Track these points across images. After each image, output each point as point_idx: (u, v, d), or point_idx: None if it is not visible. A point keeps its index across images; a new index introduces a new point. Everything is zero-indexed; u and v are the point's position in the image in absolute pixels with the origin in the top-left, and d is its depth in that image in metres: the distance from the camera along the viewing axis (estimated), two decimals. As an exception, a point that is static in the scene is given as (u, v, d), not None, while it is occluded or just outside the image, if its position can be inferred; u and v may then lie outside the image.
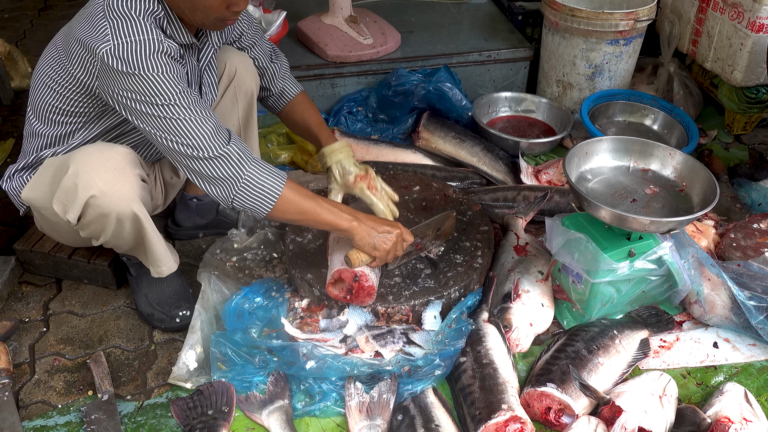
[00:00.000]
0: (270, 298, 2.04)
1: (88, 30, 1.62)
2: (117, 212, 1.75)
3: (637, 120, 2.95)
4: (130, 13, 1.60)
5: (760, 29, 2.61)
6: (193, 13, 1.67)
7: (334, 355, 1.81)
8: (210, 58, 1.94)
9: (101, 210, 1.74)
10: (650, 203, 1.94)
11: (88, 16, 1.65)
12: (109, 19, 1.60)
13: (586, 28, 2.77)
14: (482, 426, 1.64)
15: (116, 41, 1.58)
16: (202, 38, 1.87)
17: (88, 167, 1.71)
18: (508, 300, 2.00)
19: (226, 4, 1.64)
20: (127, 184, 1.74)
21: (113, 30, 1.59)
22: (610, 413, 1.66)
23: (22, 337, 2.04)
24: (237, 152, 1.67)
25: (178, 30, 1.73)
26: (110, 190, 1.72)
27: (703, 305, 2.01)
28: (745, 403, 1.72)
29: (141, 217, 1.80)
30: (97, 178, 1.71)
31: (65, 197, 1.75)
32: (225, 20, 1.71)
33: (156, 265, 1.97)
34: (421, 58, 3.01)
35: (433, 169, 2.66)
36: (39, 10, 4.21)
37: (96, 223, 1.78)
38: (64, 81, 1.73)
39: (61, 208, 1.77)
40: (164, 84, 1.59)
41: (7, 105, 3.16)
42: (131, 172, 1.76)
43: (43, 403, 1.84)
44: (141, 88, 1.59)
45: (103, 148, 1.76)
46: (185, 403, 1.78)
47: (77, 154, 1.75)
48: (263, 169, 1.70)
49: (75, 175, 1.71)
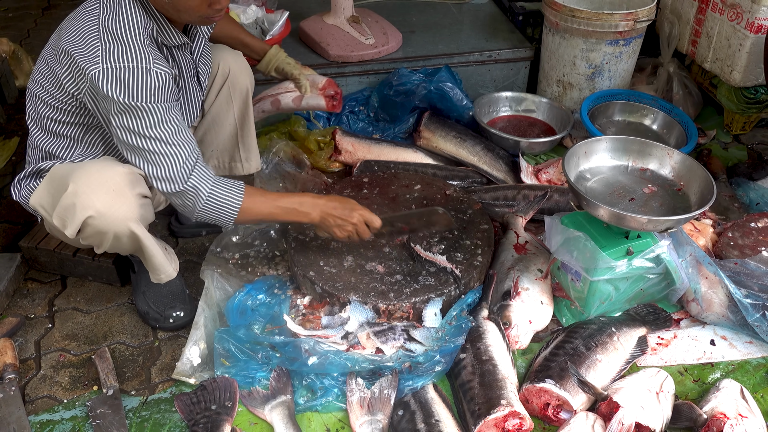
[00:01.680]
0: (272, 295, 2.06)
1: (79, 45, 1.65)
2: (114, 231, 1.78)
3: (637, 120, 2.97)
4: (124, 37, 1.64)
5: (758, 30, 2.63)
6: (179, 14, 1.72)
7: (335, 352, 1.83)
8: (203, 47, 1.99)
9: (98, 229, 1.77)
10: (648, 202, 1.96)
11: (78, 30, 1.67)
12: (102, 41, 1.63)
13: (586, 28, 2.79)
14: (481, 421, 1.66)
15: (107, 65, 1.61)
16: (191, 29, 1.92)
17: (87, 187, 1.73)
18: (507, 297, 2.02)
19: (208, 2, 1.68)
20: (125, 205, 1.76)
21: (105, 54, 1.62)
22: (607, 409, 1.69)
23: (27, 333, 2.06)
24: (196, 185, 1.74)
25: (170, 33, 1.78)
26: (108, 211, 1.73)
27: (700, 303, 2.03)
28: (741, 400, 1.74)
29: (139, 235, 1.82)
30: (95, 198, 1.72)
31: (64, 214, 1.77)
32: (210, 17, 1.75)
33: (155, 273, 2.00)
34: (422, 58, 3.03)
35: (434, 168, 2.68)
36: (43, 9, 4.23)
37: (94, 237, 1.81)
38: (56, 92, 1.76)
39: (60, 223, 1.80)
40: (147, 114, 1.65)
41: (11, 104, 3.19)
42: (130, 193, 1.76)
43: (49, 397, 1.87)
44: (125, 114, 1.64)
45: (103, 168, 1.77)
46: (189, 398, 1.80)
47: (78, 172, 1.76)
48: (222, 187, 1.77)
49: (74, 194, 1.74)
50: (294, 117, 2.84)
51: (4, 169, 2.75)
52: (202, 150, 2.26)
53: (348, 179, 2.50)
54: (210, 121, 2.21)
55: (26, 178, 1.92)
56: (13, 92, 3.22)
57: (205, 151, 2.27)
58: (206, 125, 2.22)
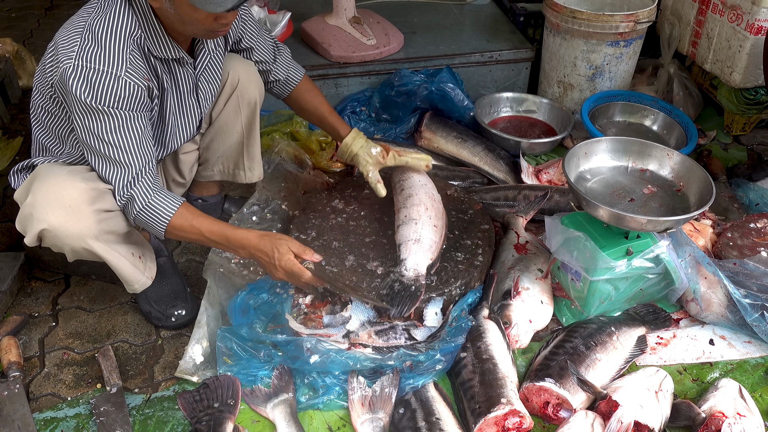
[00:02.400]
0: (275, 294, 2.07)
1: (64, 38, 1.68)
2: (70, 246, 1.79)
3: (637, 120, 2.98)
4: (102, 40, 1.65)
5: (758, 31, 2.64)
6: (184, 26, 1.72)
7: (337, 350, 1.84)
8: (207, 64, 1.97)
9: (54, 242, 1.79)
10: (648, 203, 1.97)
11: (70, 24, 1.71)
12: (82, 38, 1.65)
13: (586, 29, 2.80)
14: (482, 419, 1.68)
15: (78, 62, 1.63)
16: (198, 44, 1.91)
17: (44, 200, 1.74)
18: (508, 297, 2.03)
19: (214, 16, 1.68)
20: (80, 222, 1.74)
21: (80, 51, 1.64)
22: (607, 408, 1.70)
23: (31, 331, 2.08)
24: (134, 196, 1.76)
25: (164, 45, 1.77)
26: (61, 227, 1.74)
27: (699, 303, 2.04)
28: (739, 399, 1.75)
29: (97, 251, 1.82)
30: (50, 212, 1.73)
31: (24, 221, 1.80)
32: (216, 31, 1.75)
33: (126, 284, 2.01)
34: (423, 58, 3.04)
35: (435, 168, 2.68)
36: (46, 9, 4.25)
37: (54, 248, 1.83)
38: (46, 83, 1.78)
39: (21, 229, 1.82)
40: (107, 118, 1.67)
41: (15, 103, 3.20)
42: (87, 209, 1.74)
43: (53, 395, 1.89)
44: (85, 115, 1.67)
45: (63, 182, 1.76)
46: (192, 396, 1.82)
47: (39, 183, 1.78)
48: (157, 202, 1.78)
49: (32, 205, 1.76)
50: (296, 117, 2.85)
51: (7, 168, 2.77)
52: (208, 156, 2.28)
53: (349, 179, 2.52)
54: (217, 129, 2.22)
55: (23, 169, 1.94)
56: (16, 92, 3.24)
57: (210, 157, 2.29)
58: (213, 132, 2.23)
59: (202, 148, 2.28)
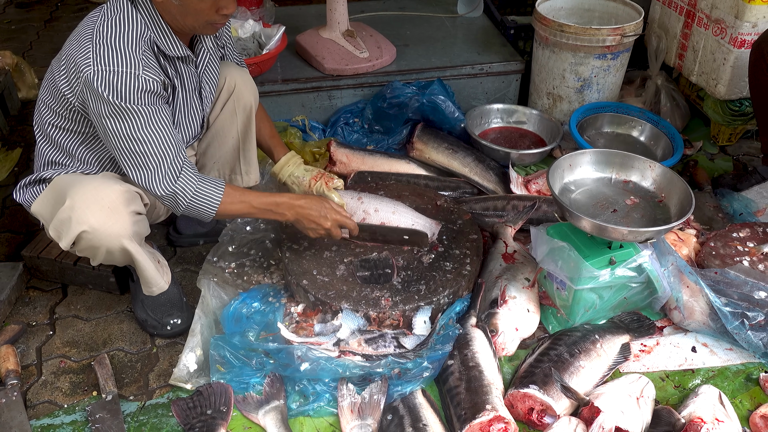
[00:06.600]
0: (267, 303, 2.12)
1: (75, 47, 1.74)
2: (107, 246, 1.85)
3: (625, 131, 3.03)
4: (113, 43, 1.70)
5: (741, 45, 2.70)
6: (185, 18, 1.77)
7: (327, 358, 1.88)
8: (207, 63, 2.04)
9: (92, 243, 1.84)
10: (630, 213, 2.02)
11: (77, 35, 1.76)
12: (94, 44, 1.70)
13: (574, 43, 2.86)
14: (467, 425, 1.72)
15: (98, 67, 1.68)
16: (197, 44, 1.98)
17: (83, 203, 1.80)
18: (495, 306, 2.08)
19: (216, 7, 1.75)
20: (119, 222, 1.82)
21: (95, 56, 1.69)
22: (589, 414, 1.74)
23: (29, 340, 2.12)
24: (184, 186, 1.83)
25: (172, 44, 1.83)
26: (101, 227, 1.80)
27: (682, 311, 2.09)
28: (718, 405, 1.80)
29: (131, 250, 1.89)
30: (90, 214, 1.79)
31: (60, 226, 1.84)
32: (215, 23, 1.82)
33: (146, 286, 2.06)
34: (415, 71, 3.09)
35: (426, 178, 2.74)
36: (45, 21, 4.31)
37: (88, 251, 1.88)
38: (56, 97, 1.83)
39: (56, 235, 1.87)
40: (136, 116, 1.72)
41: (14, 115, 3.25)
42: (125, 211, 1.83)
43: (50, 402, 1.93)
44: (115, 116, 1.71)
45: (100, 185, 1.83)
46: (185, 403, 1.86)
47: (76, 187, 1.83)
48: (204, 187, 1.88)
49: (70, 208, 1.80)
50: (290, 128, 2.90)
51: (6, 179, 2.81)
52: (205, 161, 2.33)
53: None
54: (214, 134, 2.27)
55: (30, 183, 1.98)
56: (16, 104, 3.29)
57: (207, 162, 2.33)
58: (210, 137, 2.28)
59: (199, 154, 2.32)
